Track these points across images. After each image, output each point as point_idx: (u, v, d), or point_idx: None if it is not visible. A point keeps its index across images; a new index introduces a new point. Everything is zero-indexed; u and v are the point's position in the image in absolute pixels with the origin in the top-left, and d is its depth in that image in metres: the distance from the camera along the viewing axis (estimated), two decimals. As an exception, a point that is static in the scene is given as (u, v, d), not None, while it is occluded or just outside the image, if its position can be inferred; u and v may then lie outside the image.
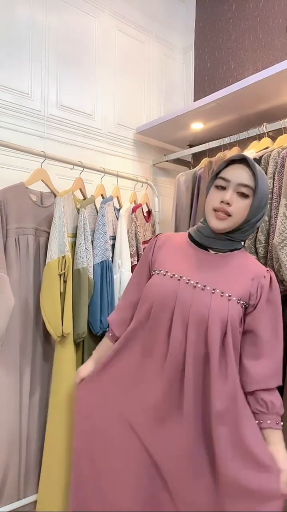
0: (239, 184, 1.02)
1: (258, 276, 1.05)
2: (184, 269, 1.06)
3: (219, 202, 1.03)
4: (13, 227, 1.45)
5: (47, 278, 1.43)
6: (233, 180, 1.02)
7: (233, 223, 1.04)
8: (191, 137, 2.26)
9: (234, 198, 1.02)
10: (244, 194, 1.02)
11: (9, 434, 1.41)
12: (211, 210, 1.04)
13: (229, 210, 1.02)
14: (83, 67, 2.01)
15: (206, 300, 1.00)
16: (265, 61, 2.05)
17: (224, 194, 1.02)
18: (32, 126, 1.79)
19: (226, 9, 2.27)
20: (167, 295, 1.04)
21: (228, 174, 1.04)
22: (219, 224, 1.03)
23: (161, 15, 2.42)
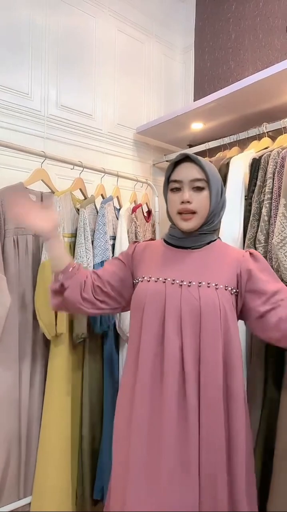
0: (191, 180, 1.06)
1: (238, 259, 1.09)
2: (167, 271, 1.08)
3: (179, 203, 1.07)
4: (11, 227, 1.45)
5: (41, 278, 1.43)
6: (185, 179, 1.07)
7: (199, 218, 1.08)
8: (191, 137, 2.26)
9: (192, 194, 1.06)
10: (199, 188, 1.06)
11: (8, 434, 1.41)
12: (175, 214, 1.09)
13: (192, 207, 1.06)
14: (83, 67, 2.01)
15: (195, 294, 1.02)
16: (265, 61, 2.04)
17: (182, 195, 1.06)
18: (32, 126, 1.79)
19: (226, 9, 2.27)
20: (155, 298, 1.05)
21: (178, 175, 1.08)
22: (188, 225, 1.07)
23: (161, 15, 2.42)
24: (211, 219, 1.10)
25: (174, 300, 1.03)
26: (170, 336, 1.02)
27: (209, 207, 1.08)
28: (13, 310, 1.42)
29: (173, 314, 1.03)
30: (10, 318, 1.41)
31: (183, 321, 1.02)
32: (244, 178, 1.55)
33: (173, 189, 1.09)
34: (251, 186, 1.51)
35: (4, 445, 1.40)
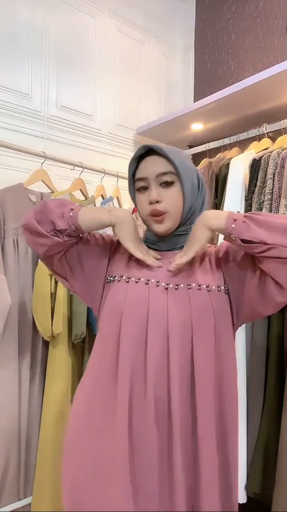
0: (158, 176, 0.90)
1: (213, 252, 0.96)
2: (149, 272, 0.91)
3: (148, 204, 0.91)
4: (11, 227, 1.45)
5: (38, 278, 1.44)
6: (149, 175, 0.90)
7: (173, 218, 0.91)
8: (191, 138, 2.26)
9: (160, 192, 0.90)
10: (168, 182, 0.90)
11: (8, 435, 1.41)
12: (147, 217, 0.92)
13: (162, 207, 0.89)
14: (83, 68, 2.01)
15: (185, 298, 0.87)
16: (265, 62, 2.05)
17: (149, 194, 0.90)
18: (32, 127, 1.79)
19: (226, 9, 2.27)
20: (137, 302, 0.88)
21: (142, 172, 0.92)
22: (162, 227, 0.92)
23: (161, 16, 2.42)
24: (189, 218, 0.93)
25: (159, 306, 0.86)
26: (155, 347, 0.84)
27: (184, 204, 0.91)
28: (12, 310, 1.42)
29: (158, 322, 0.85)
30: (10, 318, 1.41)
31: (170, 333, 0.85)
32: (244, 178, 1.55)
33: (140, 188, 0.92)
34: (251, 187, 1.51)
35: (4, 446, 1.40)
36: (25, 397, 1.47)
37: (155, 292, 0.88)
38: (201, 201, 0.95)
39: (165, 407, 0.83)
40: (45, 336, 1.44)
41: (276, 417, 1.38)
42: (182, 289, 0.88)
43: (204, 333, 0.86)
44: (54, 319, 1.43)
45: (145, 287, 0.89)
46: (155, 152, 0.91)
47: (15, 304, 1.44)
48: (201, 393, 0.84)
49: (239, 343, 1.50)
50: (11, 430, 1.42)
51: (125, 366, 0.84)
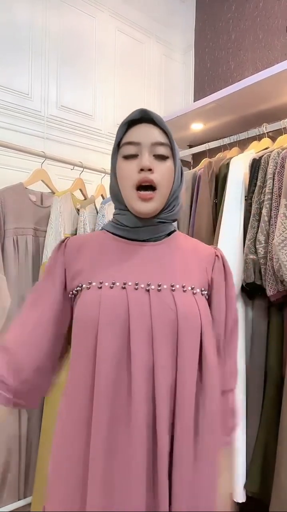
0: (153, 144, 0.78)
1: (211, 257, 0.86)
2: (125, 273, 0.77)
3: (137, 172, 0.76)
4: (11, 227, 1.45)
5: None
6: (144, 141, 0.78)
7: (161, 197, 0.79)
8: (191, 138, 2.26)
9: (153, 162, 0.77)
10: (163, 156, 0.79)
11: (8, 435, 1.41)
12: (131, 190, 0.77)
13: (153, 179, 0.76)
14: (83, 68, 2.01)
15: (169, 301, 0.75)
16: (265, 62, 2.05)
17: (141, 160, 0.77)
18: (32, 127, 1.79)
19: (226, 9, 2.27)
20: (116, 310, 0.73)
21: (135, 135, 0.79)
22: (147, 206, 0.77)
23: (161, 15, 2.42)
24: (172, 202, 0.83)
25: (142, 311, 0.73)
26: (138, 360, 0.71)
27: (173, 184, 0.81)
28: (12, 310, 1.42)
29: (141, 330, 0.72)
30: (10, 318, 1.41)
31: (155, 339, 0.72)
32: (244, 178, 1.55)
33: (128, 156, 0.78)
34: (251, 187, 1.51)
35: (4, 446, 1.40)
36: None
37: (134, 295, 0.75)
38: (180, 189, 0.86)
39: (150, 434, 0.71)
40: None
41: (275, 417, 1.38)
42: (166, 291, 0.76)
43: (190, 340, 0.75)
44: None
45: (122, 291, 0.75)
46: (150, 120, 0.81)
47: (15, 304, 1.44)
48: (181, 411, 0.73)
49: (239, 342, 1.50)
50: (11, 430, 1.42)
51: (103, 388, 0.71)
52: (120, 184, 0.81)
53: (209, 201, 1.67)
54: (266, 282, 1.39)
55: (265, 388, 1.44)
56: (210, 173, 1.70)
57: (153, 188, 0.78)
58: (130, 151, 0.79)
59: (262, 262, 1.41)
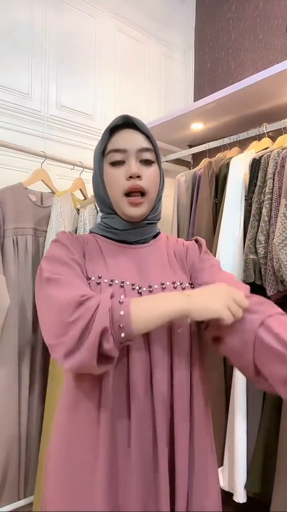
0: (139, 150, 0.80)
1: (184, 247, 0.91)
2: (121, 272, 0.80)
3: (125, 180, 0.79)
4: (11, 227, 1.45)
5: None
6: (130, 148, 0.79)
7: (150, 202, 0.82)
8: (191, 137, 2.26)
9: (140, 168, 0.80)
10: (149, 161, 0.81)
11: (8, 435, 1.41)
12: (120, 197, 0.79)
13: (142, 185, 0.79)
14: (83, 68, 2.01)
15: None
16: (265, 62, 2.05)
17: (129, 167, 0.78)
18: (32, 126, 1.79)
19: (226, 9, 2.27)
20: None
21: (119, 142, 0.80)
22: (137, 211, 0.80)
23: (161, 15, 2.42)
24: (157, 204, 0.86)
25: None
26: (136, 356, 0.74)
27: (159, 186, 0.84)
28: (12, 311, 1.42)
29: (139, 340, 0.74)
30: (9, 319, 1.41)
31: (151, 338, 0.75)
32: (244, 178, 1.55)
33: (115, 162, 0.80)
34: (251, 187, 1.51)
35: (4, 447, 1.40)
36: (25, 397, 1.46)
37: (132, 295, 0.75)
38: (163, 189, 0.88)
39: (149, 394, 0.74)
40: None
41: (275, 418, 1.38)
42: (157, 290, 0.79)
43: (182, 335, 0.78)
44: None
45: (120, 290, 0.76)
46: (133, 126, 0.82)
47: (15, 304, 1.44)
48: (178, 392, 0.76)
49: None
50: (11, 430, 1.42)
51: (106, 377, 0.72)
52: (108, 190, 0.82)
53: (209, 201, 1.67)
54: (266, 282, 1.39)
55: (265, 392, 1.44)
56: (210, 173, 1.70)
57: (142, 194, 0.80)
58: (117, 158, 0.80)
59: (262, 262, 1.41)
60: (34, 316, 1.50)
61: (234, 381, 1.49)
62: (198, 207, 1.70)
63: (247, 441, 1.44)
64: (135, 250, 0.85)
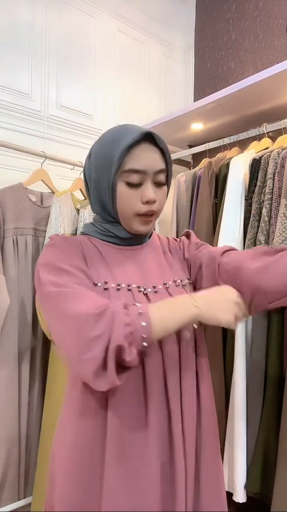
0: (156, 173, 0.79)
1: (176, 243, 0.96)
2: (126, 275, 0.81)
3: (141, 203, 0.79)
4: (10, 227, 1.45)
5: None
6: (149, 169, 0.78)
7: (156, 218, 0.85)
8: (191, 137, 2.26)
9: (156, 191, 0.80)
10: (161, 183, 0.81)
11: (8, 435, 1.41)
12: (132, 216, 0.80)
13: (155, 209, 0.80)
14: (83, 68, 2.01)
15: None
16: (265, 62, 2.05)
17: (145, 192, 0.78)
18: (32, 127, 1.79)
19: (226, 9, 2.27)
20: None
21: (140, 162, 0.77)
22: (146, 228, 0.83)
23: (161, 15, 2.42)
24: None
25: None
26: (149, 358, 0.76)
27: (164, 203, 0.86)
28: (12, 311, 1.42)
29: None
30: (9, 319, 1.41)
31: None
32: (244, 178, 1.55)
33: (131, 184, 0.78)
34: (251, 187, 1.51)
35: (4, 446, 1.40)
36: (24, 397, 1.47)
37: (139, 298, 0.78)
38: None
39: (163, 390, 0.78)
40: (49, 336, 1.44)
41: (275, 417, 1.38)
42: (161, 290, 0.82)
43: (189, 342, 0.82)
44: None
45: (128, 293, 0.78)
46: (153, 141, 0.79)
47: (15, 304, 1.44)
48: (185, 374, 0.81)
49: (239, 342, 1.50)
50: (11, 430, 1.42)
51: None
52: (118, 205, 0.81)
53: (209, 201, 1.67)
54: (266, 282, 1.38)
55: (266, 388, 1.44)
56: (210, 173, 1.69)
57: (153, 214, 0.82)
58: (135, 180, 0.78)
59: (262, 262, 1.41)
60: (34, 316, 1.50)
61: (234, 380, 1.49)
62: (198, 207, 1.70)
63: (247, 441, 1.44)
64: (134, 251, 0.87)
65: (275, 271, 0.77)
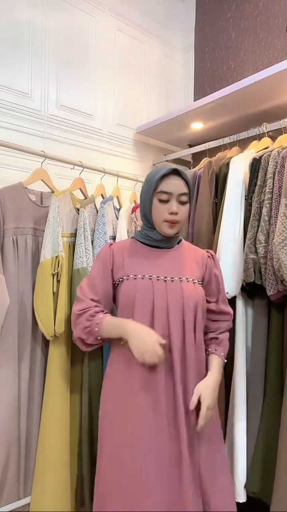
0: (180, 195, 1.18)
1: (204, 258, 1.30)
2: (151, 269, 1.20)
3: (167, 214, 1.18)
4: (10, 227, 1.45)
5: (40, 278, 1.43)
6: (174, 192, 1.17)
7: (180, 226, 1.23)
8: (191, 137, 2.26)
9: (178, 206, 1.18)
10: (184, 202, 1.20)
11: (8, 434, 1.41)
12: (162, 222, 1.19)
13: (178, 218, 1.18)
14: (83, 67, 2.01)
15: (179, 289, 1.18)
16: (265, 61, 2.05)
17: (171, 206, 1.17)
18: (32, 126, 1.79)
19: (226, 9, 2.27)
20: (146, 293, 1.17)
21: (168, 187, 1.17)
22: (173, 231, 1.21)
23: (161, 15, 2.42)
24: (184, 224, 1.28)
25: (161, 294, 1.16)
26: (159, 324, 1.15)
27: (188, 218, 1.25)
28: (12, 310, 1.42)
29: (161, 306, 1.16)
30: (9, 318, 1.41)
31: (169, 312, 1.15)
32: (244, 178, 1.55)
33: (162, 200, 1.18)
34: (252, 186, 1.51)
35: (4, 446, 1.39)
36: (24, 396, 1.46)
37: (157, 283, 1.18)
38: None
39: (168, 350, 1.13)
40: (47, 335, 1.44)
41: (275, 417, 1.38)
42: (177, 281, 1.19)
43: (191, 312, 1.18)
44: (56, 318, 1.43)
45: (149, 281, 1.18)
46: (179, 174, 1.18)
47: (14, 303, 1.43)
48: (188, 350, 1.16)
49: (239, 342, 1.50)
50: (11, 429, 1.42)
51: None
52: (153, 215, 1.21)
53: (209, 200, 1.67)
54: (266, 282, 1.39)
55: (266, 388, 1.44)
56: (210, 172, 1.69)
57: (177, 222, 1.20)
58: (164, 198, 1.18)
59: (262, 262, 1.41)
60: (34, 316, 1.50)
61: (234, 381, 1.49)
62: (198, 206, 1.69)
63: (247, 441, 1.44)
64: (164, 252, 1.25)
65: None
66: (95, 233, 1.63)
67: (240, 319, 1.52)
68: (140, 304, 1.16)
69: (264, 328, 1.47)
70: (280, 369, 1.40)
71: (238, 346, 1.50)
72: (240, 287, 1.49)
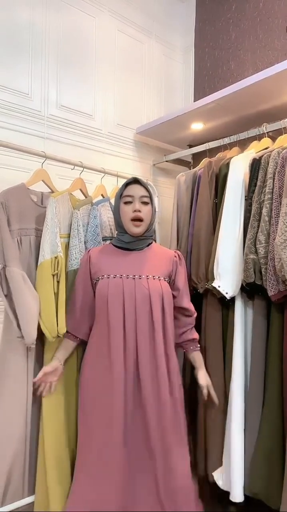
0: (141, 196, 1.43)
1: (171, 258, 1.51)
2: (122, 269, 1.42)
3: (132, 212, 1.41)
4: (15, 228, 1.44)
5: (40, 279, 1.43)
6: (136, 195, 1.43)
7: (145, 225, 1.44)
8: (191, 137, 2.26)
9: (141, 206, 1.42)
10: (146, 202, 1.44)
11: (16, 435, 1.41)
12: (129, 221, 1.42)
13: (141, 215, 1.41)
14: (83, 67, 2.01)
15: (145, 284, 1.40)
16: (265, 61, 2.05)
17: (134, 205, 1.42)
18: (32, 126, 1.79)
19: (226, 9, 2.27)
20: (117, 289, 1.39)
21: (130, 191, 1.44)
22: (138, 229, 1.42)
23: (161, 15, 2.42)
24: (150, 226, 1.48)
25: (130, 290, 1.39)
26: (129, 314, 1.38)
27: (151, 217, 1.46)
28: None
29: (130, 299, 1.38)
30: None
31: (137, 304, 1.38)
32: (244, 178, 1.55)
33: (127, 202, 1.43)
34: (252, 187, 1.51)
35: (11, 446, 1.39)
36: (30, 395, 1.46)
37: (127, 281, 1.40)
38: (155, 218, 1.52)
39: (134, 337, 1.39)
40: (49, 337, 1.43)
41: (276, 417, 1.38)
42: (143, 279, 1.41)
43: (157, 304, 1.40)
44: (58, 319, 1.42)
45: (120, 279, 1.41)
46: (139, 182, 1.46)
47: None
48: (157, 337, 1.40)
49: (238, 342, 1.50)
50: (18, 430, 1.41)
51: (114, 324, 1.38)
52: (122, 217, 1.44)
53: (209, 201, 1.67)
54: (266, 282, 1.38)
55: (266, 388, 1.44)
56: (210, 173, 1.69)
57: (141, 220, 1.42)
58: (128, 199, 1.44)
59: (262, 262, 1.41)
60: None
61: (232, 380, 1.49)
62: (198, 207, 1.70)
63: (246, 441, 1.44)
64: (135, 254, 1.47)
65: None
66: (87, 235, 1.62)
67: (240, 319, 1.52)
68: (113, 298, 1.38)
69: (263, 329, 1.48)
70: (280, 370, 1.40)
71: (237, 346, 1.50)
72: (240, 287, 1.50)
